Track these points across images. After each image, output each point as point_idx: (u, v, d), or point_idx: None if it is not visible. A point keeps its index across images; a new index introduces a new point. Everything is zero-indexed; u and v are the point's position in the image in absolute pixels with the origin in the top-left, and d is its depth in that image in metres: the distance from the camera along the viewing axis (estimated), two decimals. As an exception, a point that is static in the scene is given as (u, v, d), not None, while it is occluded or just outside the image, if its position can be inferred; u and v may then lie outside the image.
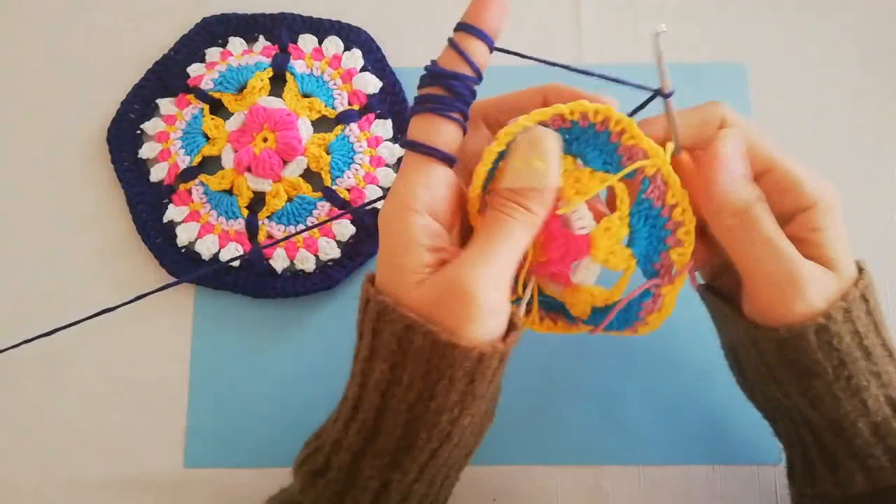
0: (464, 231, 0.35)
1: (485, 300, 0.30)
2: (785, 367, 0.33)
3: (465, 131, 0.33)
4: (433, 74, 0.31)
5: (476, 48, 0.31)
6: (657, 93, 0.33)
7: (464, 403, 0.31)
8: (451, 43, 0.32)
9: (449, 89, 0.31)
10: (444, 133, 0.31)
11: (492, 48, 0.32)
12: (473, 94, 0.32)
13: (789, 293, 0.32)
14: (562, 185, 0.33)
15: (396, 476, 0.31)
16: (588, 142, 0.34)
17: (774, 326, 0.32)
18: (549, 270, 0.35)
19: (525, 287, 0.36)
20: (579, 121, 0.33)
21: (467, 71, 0.31)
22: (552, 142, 0.32)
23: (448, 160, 0.32)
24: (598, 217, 0.35)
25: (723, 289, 0.37)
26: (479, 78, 0.32)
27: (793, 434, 0.36)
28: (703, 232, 0.35)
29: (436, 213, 0.32)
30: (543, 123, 0.33)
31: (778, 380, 0.34)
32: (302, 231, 0.47)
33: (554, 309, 0.38)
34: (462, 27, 0.32)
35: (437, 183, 0.31)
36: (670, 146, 0.34)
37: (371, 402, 0.31)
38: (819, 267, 0.32)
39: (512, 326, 0.32)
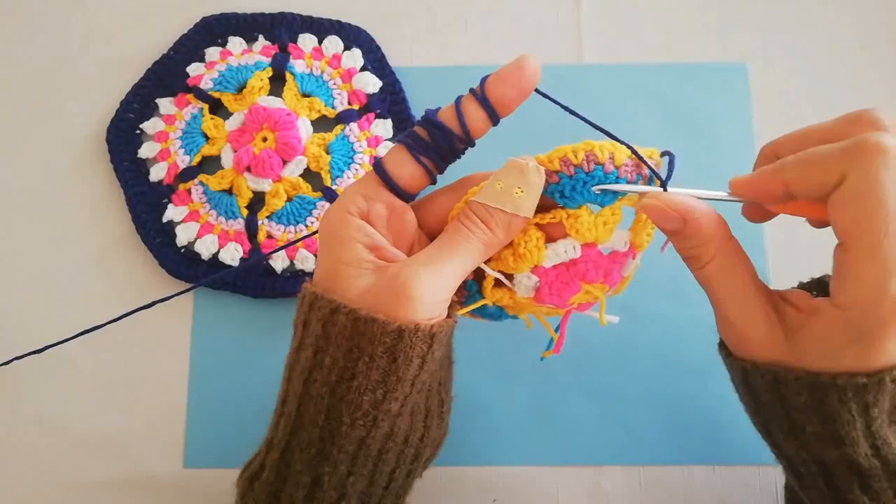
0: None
1: (421, 302, 0.30)
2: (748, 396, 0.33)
3: (432, 180, 0.34)
4: (426, 118, 0.33)
5: (475, 114, 0.32)
6: (664, 185, 0.32)
7: (387, 385, 0.30)
8: (457, 101, 0.33)
9: (430, 136, 0.33)
10: (405, 168, 0.33)
11: (495, 121, 0.33)
12: (455, 151, 0.33)
13: (730, 337, 0.32)
14: (595, 233, 0.33)
15: (326, 468, 0.31)
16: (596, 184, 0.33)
17: (741, 357, 0.32)
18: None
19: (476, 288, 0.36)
20: (583, 165, 0.32)
21: (457, 129, 0.32)
22: (538, 178, 0.32)
23: (398, 193, 0.33)
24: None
25: None
26: (469, 140, 0.33)
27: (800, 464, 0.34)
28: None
29: (370, 223, 0.33)
30: (551, 171, 0.32)
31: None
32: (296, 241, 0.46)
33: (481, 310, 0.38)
34: (472, 91, 0.32)
35: (378, 199, 0.33)
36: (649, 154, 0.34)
37: (295, 391, 0.32)
38: (770, 318, 0.31)
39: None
